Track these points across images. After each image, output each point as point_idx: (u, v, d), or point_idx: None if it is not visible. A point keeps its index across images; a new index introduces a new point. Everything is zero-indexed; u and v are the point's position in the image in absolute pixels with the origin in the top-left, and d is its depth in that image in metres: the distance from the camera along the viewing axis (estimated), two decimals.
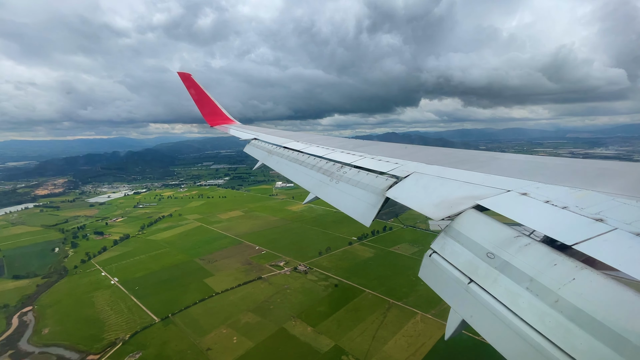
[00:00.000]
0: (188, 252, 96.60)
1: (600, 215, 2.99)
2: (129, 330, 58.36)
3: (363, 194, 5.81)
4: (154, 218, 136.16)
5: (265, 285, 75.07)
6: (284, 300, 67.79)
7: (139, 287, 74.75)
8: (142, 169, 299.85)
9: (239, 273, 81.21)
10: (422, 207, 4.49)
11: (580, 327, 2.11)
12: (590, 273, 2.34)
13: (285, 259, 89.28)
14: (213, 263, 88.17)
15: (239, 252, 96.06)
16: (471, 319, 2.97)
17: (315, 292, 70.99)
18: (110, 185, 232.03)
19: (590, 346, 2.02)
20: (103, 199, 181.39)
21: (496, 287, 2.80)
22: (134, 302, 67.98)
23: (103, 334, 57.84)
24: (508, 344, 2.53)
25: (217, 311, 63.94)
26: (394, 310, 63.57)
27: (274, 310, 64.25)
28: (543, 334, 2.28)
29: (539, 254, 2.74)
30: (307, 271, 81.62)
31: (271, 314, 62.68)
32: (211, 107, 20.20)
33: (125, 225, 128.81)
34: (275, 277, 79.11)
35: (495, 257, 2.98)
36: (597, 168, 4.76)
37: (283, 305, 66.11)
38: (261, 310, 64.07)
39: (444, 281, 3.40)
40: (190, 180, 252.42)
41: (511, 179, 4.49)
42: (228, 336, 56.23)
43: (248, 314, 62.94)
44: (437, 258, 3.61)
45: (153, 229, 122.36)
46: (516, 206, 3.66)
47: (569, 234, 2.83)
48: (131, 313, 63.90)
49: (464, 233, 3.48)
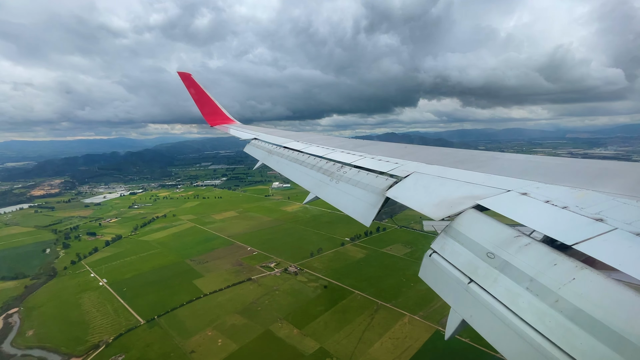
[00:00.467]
0: (179, 253, 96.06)
1: (600, 215, 2.98)
2: (114, 332, 57.79)
3: (363, 193, 5.79)
4: (148, 218, 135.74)
5: (255, 286, 74.46)
6: (272, 302, 67.17)
7: (127, 288, 74.22)
8: (140, 170, 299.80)
9: (229, 274, 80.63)
10: (422, 207, 4.44)
11: (580, 327, 2.11)
12: (590, 273, 2.33)
13: (277, 260, 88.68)
14: (203, 264, 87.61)
15: (231, 253, 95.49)
16: (471, 319, 2.92)
17: (304, 294, 70.35)
18: (107, 186, 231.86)
19: (590, 346, 2.01)
20: (99, 200, 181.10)
21: (496, 287, 2.79)
22: (120, 304, 67.44)
23: (87, 336, 57.29)
24: (508, 344, 2.51)
25: (203, 313, 63.34)
26: (382, 311, 62.90)
27: (261, 312, 63.63)
28: (543, 333, 2.26)
29: (539, 253, 2.73)
30: (297, 272, 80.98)
31: (258, 316, 62.07)
32: (211, 107, 20.12)
33: (119, 225, 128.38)
34: (265, 278, 78.49)
35: (495, 257, 2.97)
36: (597, 168, 4.73)
37: (271, 306, 65.49)
38: (248, 312, 63.45)
39: (444, 281, 3.38)
40: (187, 181, 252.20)
41: (511, 179, 4.47)
42: (213, 338, 55.62)
43: (235, 316, 62.33)
44: (437, 258, 3.56)
45: (146, 230, 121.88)
46: (516, 206, 3.66)
47: (569, 233, 2.82)
48: (117, 315, 63.34)
49: (464, 233, 3.47)
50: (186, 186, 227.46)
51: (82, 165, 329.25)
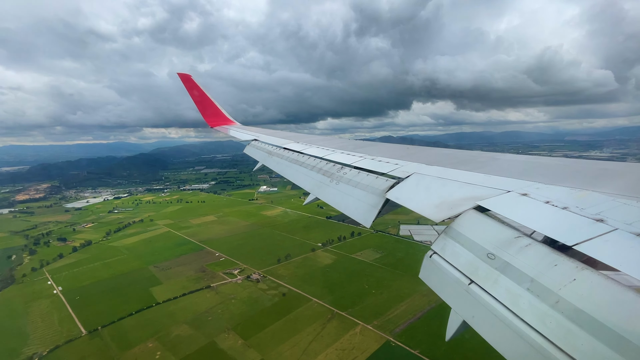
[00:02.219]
0: (145, 259, 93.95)
1: (600, 216, 2.96)
2: (52, 343, 55.61)
3: (363, 195, 5.74)
4: (125, 223, 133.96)
5: (212, 294, 72.20)
6: (224, 311, 64.84)
7: (80, 296, 72.09)
8: (130, 174, 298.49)
9: (189, 282, 78.41)
10: (422, 209, 4.39)
11: (581, 328, 2.10)
12: (591, 274, 2.32)
13: (242, 267, 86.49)
14: (166, 271, 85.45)
15: (198, 259, 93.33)
16: (472, 320, 2.88)
17: (260, 302, 68.00)
18: (94, 190, 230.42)
19: (591, 347, 2.00)
20: (81, 204, 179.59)
21: (497, 287, 2.75)
22: (68, 313, 65.26)
23: (24, 347, 55.12)
24: (509, 345, 2.48)
25: (150, 323, 61.08)
26: (336, 321, 60.49)
27: (211, 322, 61.30)
28: (544, 334, 2.25)
29: (540, 254, 2.70)
30: (259, 280, 78.68)
31: (206, 326, 59.74)
32: (211, 108, 20.02)
33: (93, 231, 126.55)
34: (225, 285, 76.22)
35: (496, 258, 2.94)
36: (597, 168, 4.70)
37: (222, 316, 63.17)
38: (197, 322, 61.13)
39: (444, 282, 3.30)
40: (176, 185, 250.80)
41: (511, 180, 4.43)
42: (152, 351, 53.31)
43: (182, 326, 60.02)
44: (437, 259, 3.47)
45: (119, 235, 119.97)
46: (516, 207, 3.60)
47: (570, 234, 2.78)
48: (61, 325, 61.14)
49: (464, 234, 3.42)
50: (172, 190, 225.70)
51: (74, 170, 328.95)
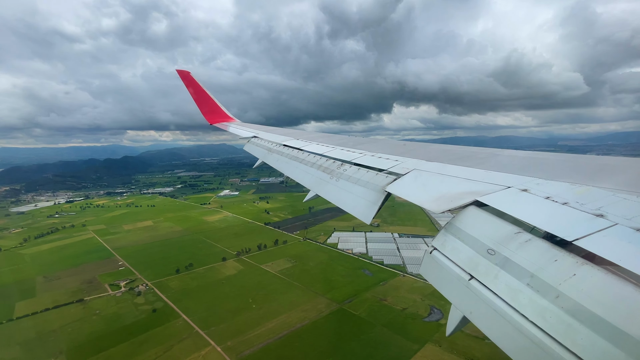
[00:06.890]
0: (40, 268, 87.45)
1: (600, 211, 2.95)
2: None
3: (363, 191, 5.63)
4: (54, 228, 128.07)
5: (78, 309, 65.54)
6: (74, 330, 58.12)
7: None
8: (99, 177, 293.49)
9: (66, 294, 71.81)
10: (422, 202, 4.39)
11: (580, 323, 2.11)
12: (591, 269, 2.32)
13: (137, 277, 79.99)
14: (52, 281, 78.99)
15: (96, 268, 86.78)
16: (472, 315, 2.89)
17: (121, 319, 61.25)
18: (53, 194, 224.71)
19: (591, 341, 2.01)
20: (27, 208, 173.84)
21: (497, 283, 2.75)
22: None
23: None
24: (509, 340, 2.48)
25: None
26: (189, 341, 53.79)
27: (49, 343, 54.60)
28: (544, 329, 2.26)
29: (540, 250, 2.70)
30: (141, 292, 72.03)
31: (39, 348, 53.10)
32: (210, 105, 19.57)
33: (15, 236, 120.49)
34: (99, 299, 69.59)
35: (496, 254, 2.93)
36: (597, 164, 4.65)
37: (68, 336, 56.42)
38: (34, 343, 54.52)
39: (444, 278, 3.30)
40: (142, 188, 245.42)
41: (511, 175, 4.38)
42: None
43: (14, 348, 53.44)
44: (437, 255, 3.48)
45: (38, 241, 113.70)
46: (516, 202, 3.58)
47: (570, 229, 2.78)
48: None
49: (464, 230, 3.43)
50: (132, 194, 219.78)
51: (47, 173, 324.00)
